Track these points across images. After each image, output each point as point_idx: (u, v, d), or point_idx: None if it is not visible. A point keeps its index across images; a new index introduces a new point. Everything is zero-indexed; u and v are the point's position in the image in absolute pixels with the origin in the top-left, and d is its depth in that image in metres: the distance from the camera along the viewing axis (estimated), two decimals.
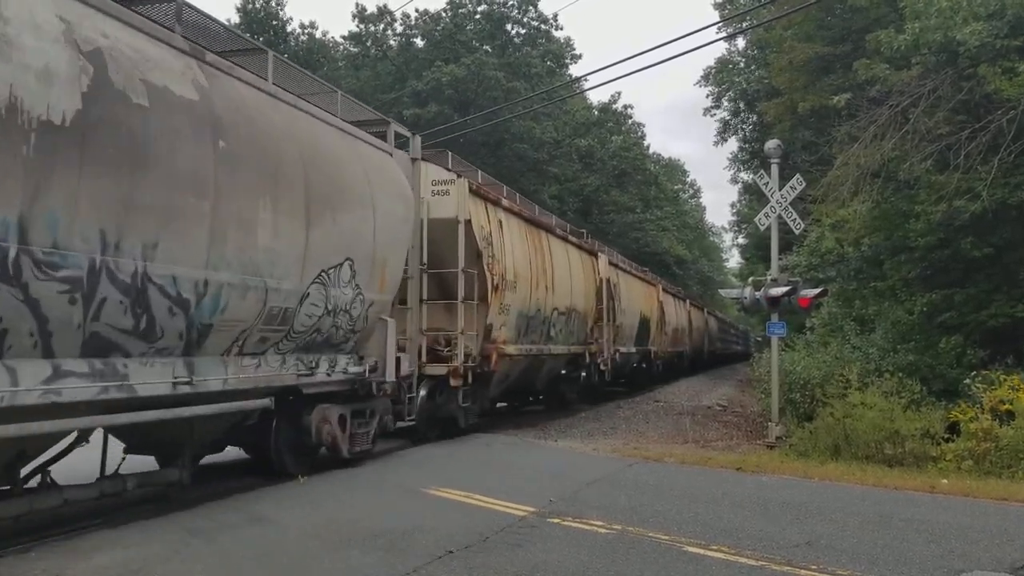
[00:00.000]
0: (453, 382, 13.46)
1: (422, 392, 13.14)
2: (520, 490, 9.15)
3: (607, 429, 17.26)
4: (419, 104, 40.55)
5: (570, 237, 20.80)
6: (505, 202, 16.22)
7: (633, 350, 27.10)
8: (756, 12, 28.07)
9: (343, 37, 47.53)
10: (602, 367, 22.33)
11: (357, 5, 50.48)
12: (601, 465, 11.74)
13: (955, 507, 8.92)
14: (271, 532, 7.05)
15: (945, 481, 10.68)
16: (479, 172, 16.69)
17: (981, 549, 6.92)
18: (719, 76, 37.85)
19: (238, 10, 41.99)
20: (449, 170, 14.16)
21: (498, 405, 19.49)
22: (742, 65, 37.77)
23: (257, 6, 42.23)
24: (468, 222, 13.72)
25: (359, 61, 46.05)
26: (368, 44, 46.30)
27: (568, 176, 46.86)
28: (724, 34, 33.05)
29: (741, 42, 36.77)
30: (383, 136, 11.69)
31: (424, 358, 13.31)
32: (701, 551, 6.65)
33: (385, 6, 45.83)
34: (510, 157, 42.36)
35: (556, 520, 7.67)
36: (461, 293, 13.50)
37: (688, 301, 43.39)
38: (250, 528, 7.15)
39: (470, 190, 13.98)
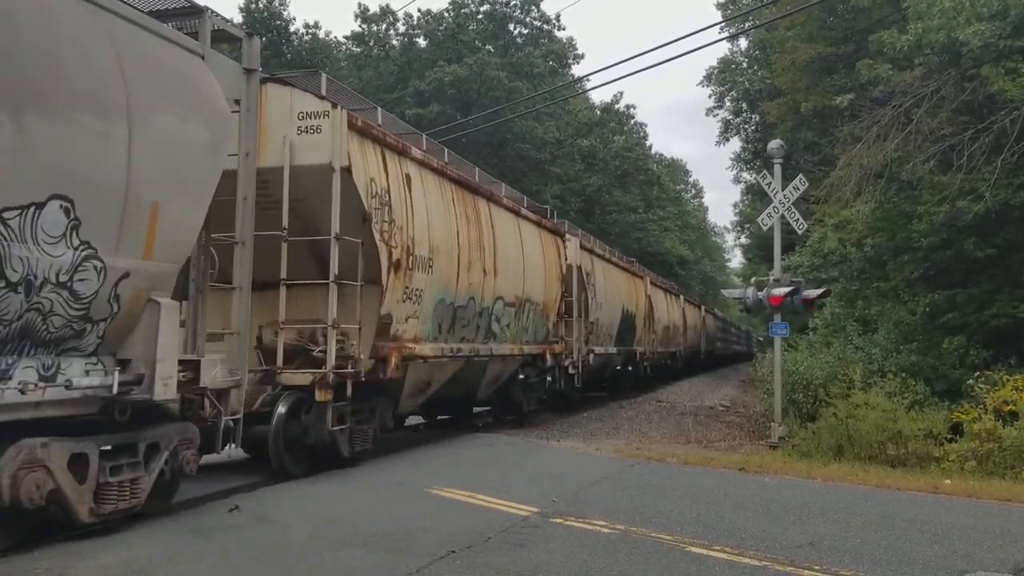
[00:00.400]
0: (319, 395, 9.59)
1: (280, 410, 9.47)
2: (522, 490, 9.15)
3: (609, 429, 17.25)
4: (421, 104, 40.60)
5: (525, 211, 16.80)
6: (417, 153, 12.07)
7: (613, 350, 24.01)
8: (758, 12, 28.07)
9: (346, 37, 47.63)
10: (570, 370, 19.17)
11: (360, 5, 50.65)
12: (603, 465, 11.74)
13: (958, 508, 8.91)
14: (274, 532, 7.05)
15: (948, 482, 10.67)
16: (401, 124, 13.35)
17: (984, 550, 6.91)
18: (721, 76, 37.85)
19: (241, 10, 42.05)
20: (322, 98, 10.05)
21: (412, 422, 15.98)
22: (744, 65, 37.77)
23: (260, 6, 42.26)
24: (347, 170, 9.89)
25: (361, 61, 46.13)
26: (371, 44, 46.37)
27: (570, 176, 46.89)
28: (726, 34, 33.02)
29: (743, 43, 36.79)
30: (194, 34, 7.78)
31: (280, 362, 9.81)
32: (704, 551, 6.64)
33: (388, 6, 45.95)
34: (512, 157, 42.39)
35: (559, 520, 7.67)
36: (334, 270, 9.79)
37: (682, 297, 40.97)
38: (253, 528, 7.16)
39: (353, 127, 10.08)
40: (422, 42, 46.00)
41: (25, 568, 5.77)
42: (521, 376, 16.71)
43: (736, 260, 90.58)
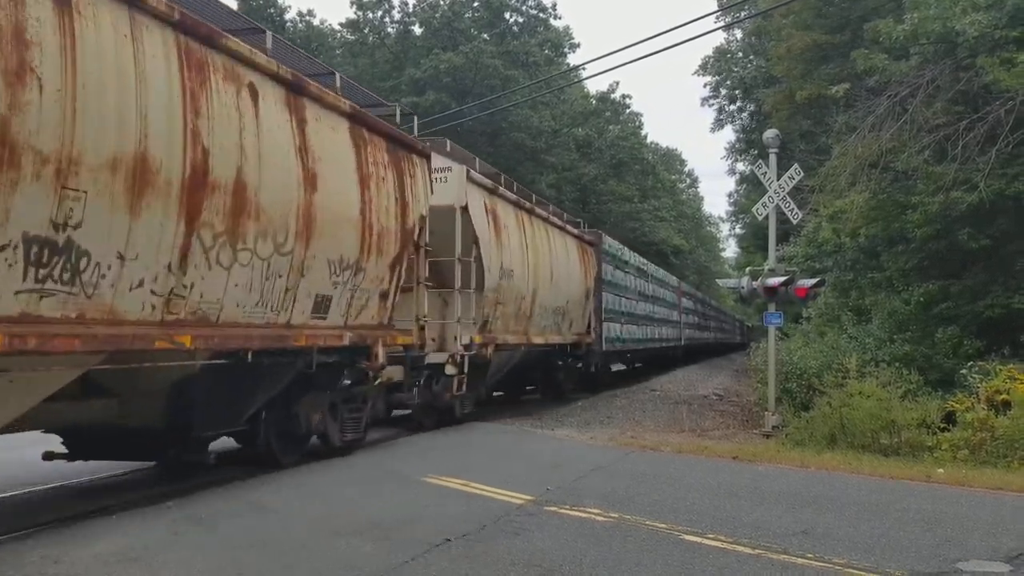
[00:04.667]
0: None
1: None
2: (517, 479, 9.17)
3: (604, 418, 17.29)
4: (417, 92, 40.42)
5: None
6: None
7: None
8: (754, 1, 28.03)
9: (340, 24, 47.37)
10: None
11: None
12: (598, 454, 11.78)
13: (951, 497, 8.96)
14: (271, 520, 7.06)
15: (941, 471, 10.72)
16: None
17: (976, 538, 6.95)
18: (717, 65, 37.82)
19: None
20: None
21: None
22: (740, 55, 37.75)
23: None
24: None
25: (356, 49, 45.88)
26: (366, 31, 46.10)
27: (566, 165, 46.80)
28: (722, 23, 32.96)
29: (739, 33, 36.74)
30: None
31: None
32: (697, 539, 6.67)
33: None
34: (508, 146, 42.30)
35: (553, 508, 7.70)
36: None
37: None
38: (250, 516, 7.17)
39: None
40: (417, 30, 45.77)
41: (21, 554, 5.78)
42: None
43: (731, 250, 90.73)
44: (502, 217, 15.50)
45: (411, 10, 45.53)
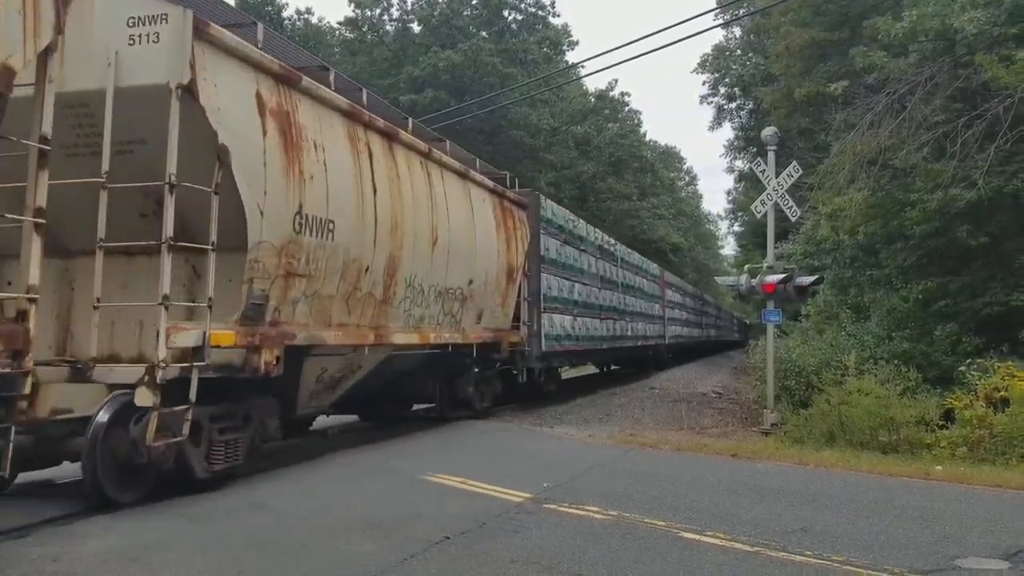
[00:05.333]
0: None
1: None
2: (516, 476, 9.17)
3: (603, 416, 17.28)
4: (415, 90, 40.43)
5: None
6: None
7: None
8: None
9: (339, 23, 47.37)
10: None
11: None
12: (597, 452, 11.77)
13: (949, 494, 8.96)
14: (270, 519, 7.06)
15: (939, 468, 10.73)
16: None
17: (976, 535, 6.95)
18: (716, 63, 37.85)
19: None
20: None
21: None
22: (739, 52, 37.78)
23: None
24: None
25: (355, 47, 45.90)
26: (364, 29, 46.10)
27: (564, 163, 46.81)
28: (721, 21, 32.99)
29: (738, 31, 36.79)
30: None
31: None
32: (696, 537, 6.67)
33: None
34: (507, 144, 42.29)
35: (553, 506, 7.69)
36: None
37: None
38: (249, 515, 7.16)
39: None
40: (416, 27, 45.78)
41: (20, 552, 5.78)
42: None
43: (729, 248, 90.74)
44: (310, 129, 8.98)
45: (409, 8, 45.55)
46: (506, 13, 46.40)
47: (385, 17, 46.42)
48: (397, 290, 11.01)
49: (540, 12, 47.34)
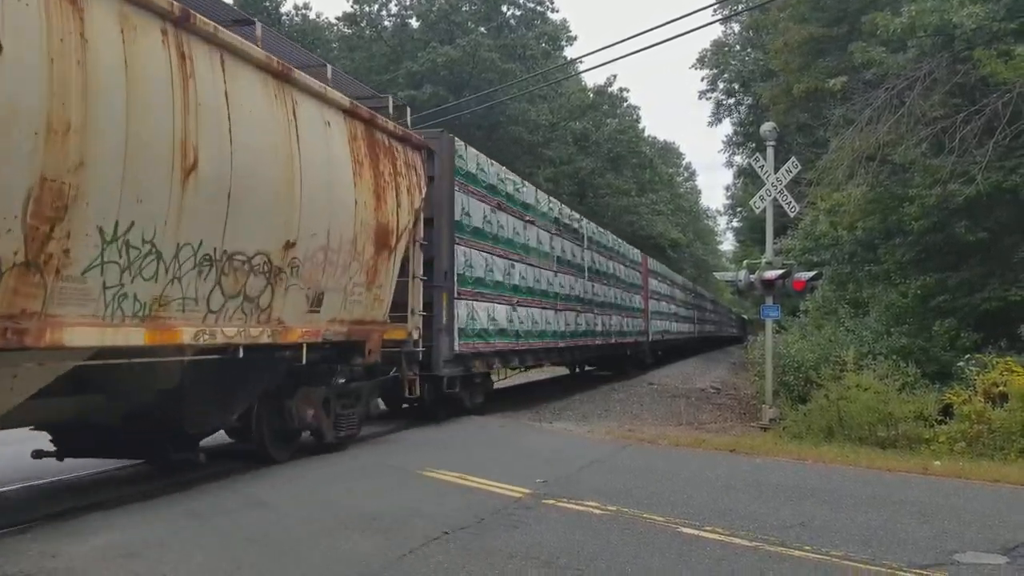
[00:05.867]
0: None
1: None
2: (516, 472, 9.17)
3: (602, 412, 17.30)
4: (414, 86, 40.35)
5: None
6: None
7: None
8: None
9: (337, 18, 47.27)
10: None
11: None
12: (596, 447, 11.78)
13: (948, 489, 8.97)
14: (269, 515, 7.06)
15: (938, 463, 10.74)
16: None
17: (974, 530, 6.97)
18: (715, 58, 37.85)
19: None
20: None
21: None
22: (737, 48, 37.77)
23: None
24: None
25: (353, 42, 45.79)
26: (363, 25, 46.00)
27: (563, 159, 46.77)
28: (720, 16, 32.97)
29: (737, 27, 36.78)
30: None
31: None
32: (695, 532, 6.68)
33: None
34: (505, 140, 42.23)
35: (552, 502, 7.70)
36: None
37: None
38: (247, 511, 7.17)
39: None
40: (414, 23, 45.69)
41: (19, 549, 5.77)
42: None
43: (728, 243, 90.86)
44: None
45: (408, 3, 45.46)
46: (504, 8, 46.31)
47: (383, 13, 46.33)
48: (74, 247, 6.00)
49: (539, 7, 47.26)
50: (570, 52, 49.48)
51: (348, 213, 9.64)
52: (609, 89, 53.51)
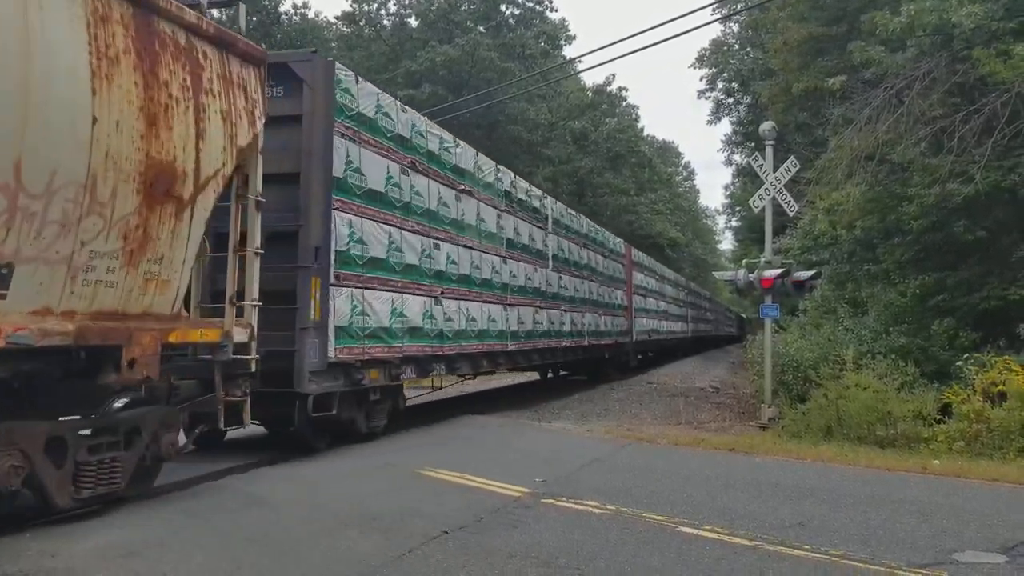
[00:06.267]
0: None
1: None
2: (515, 471, 9.18)
3: (601, 411, 17.31)
4: (413, 85, 40.33)
5: None
6: None
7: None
8: None
9: (336, 17, 47.24)
10: None
11: None
12: (595, 446, 11.79)
13: (947, 488, 8.98)
14: (268, 514, 7.06)
15: (937, 462, 10.75)
16: None
17: (973, 529, 6.97)
18: (714, 57, 37.85)
19: None
20: None
21: None
22: (737, 47, 37.78)
23: None
24: None
25: (352, 41, 45.75)
26: (361, 24, 45.98)
27: (562, 158, 46.77)
28: (719, 15, 32.97)
29: (736, 26, 36.80)
30: None
31: None
32: (694, 531, 6.68)
33: None
34: (504, 139, 42.22)
35: (551, 501, 7.71)
36: None
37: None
38: (247, 511, 7.17)
39: None
40: (413, 22, 45.66)
41: (17, 549, 5.77)
42: None
43: (727, 242, 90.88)
44: None
45: (407, 2, 45.43)
46: (504, 8, 46.29)
47: (382, 12, 46.31)
48: None
49: (538, 7, 47.24)
50: (569, 51, 49.63)
51: (74, 135, 5.92)
52: (608, 88, 53.51)
